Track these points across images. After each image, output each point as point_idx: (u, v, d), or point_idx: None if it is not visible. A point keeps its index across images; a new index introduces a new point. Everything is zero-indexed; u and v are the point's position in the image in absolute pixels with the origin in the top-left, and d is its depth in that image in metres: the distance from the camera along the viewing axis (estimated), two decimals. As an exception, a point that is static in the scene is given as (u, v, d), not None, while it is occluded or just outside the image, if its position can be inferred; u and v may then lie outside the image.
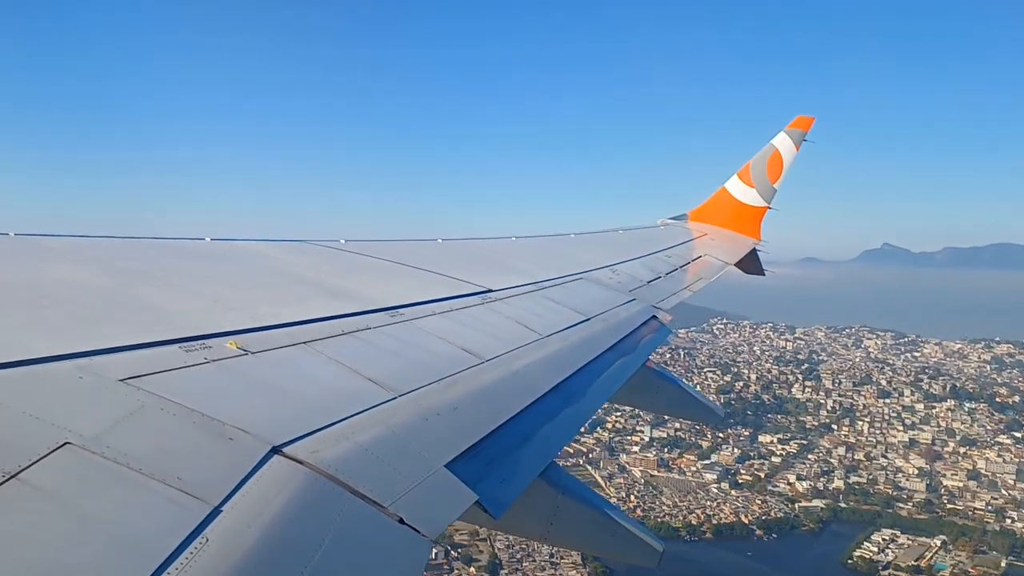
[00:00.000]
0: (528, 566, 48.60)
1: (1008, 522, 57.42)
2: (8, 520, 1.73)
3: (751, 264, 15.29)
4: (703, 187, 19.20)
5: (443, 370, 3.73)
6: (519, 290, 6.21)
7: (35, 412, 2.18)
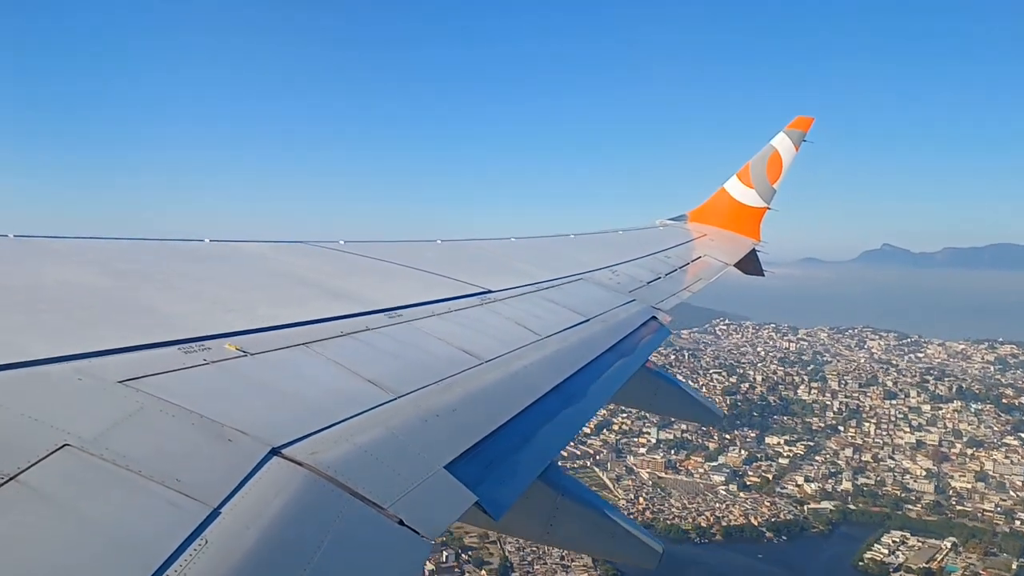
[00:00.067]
0: (539, 569, 48.18)
1: (1017, 524, 56.99)
2: (7, 522, 1.73)
3: (750, 265, 15.27)
4: (702, 187, 19.20)
5: (442, 371, 3.73)
6: (518, 291, 6.19)
7: (34, 414, 2.18)
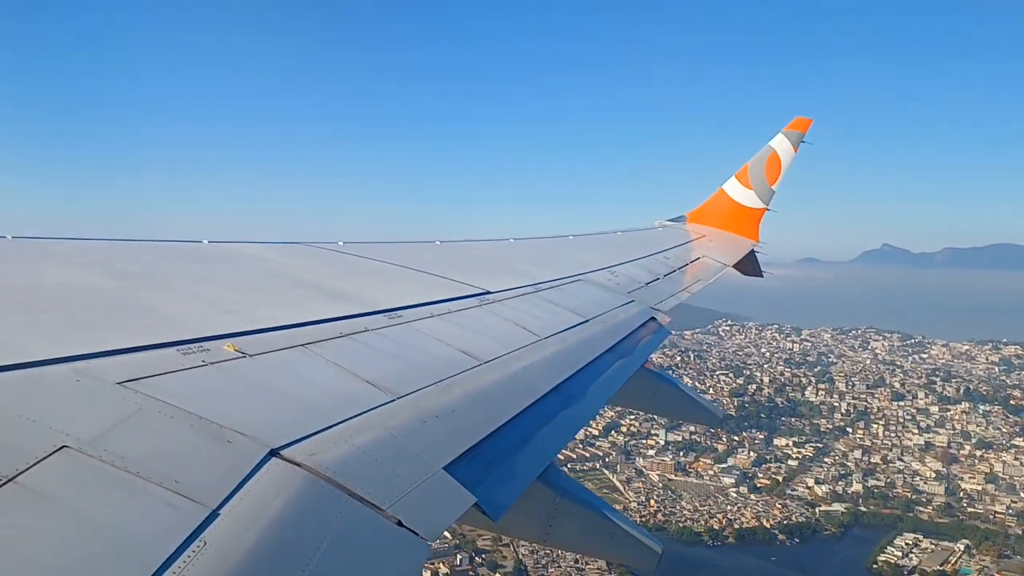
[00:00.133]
0: (553, 572, 47.67)
1: (1029, 526, 56.76)
2: (6, 523, 1.73)
3: (750, 266, 15.28)
4: (701, 188, 19.18)
5: (441, 372, 3.72)
6: (518, 292, 6.18)
7: (32, 415, 2.18)
